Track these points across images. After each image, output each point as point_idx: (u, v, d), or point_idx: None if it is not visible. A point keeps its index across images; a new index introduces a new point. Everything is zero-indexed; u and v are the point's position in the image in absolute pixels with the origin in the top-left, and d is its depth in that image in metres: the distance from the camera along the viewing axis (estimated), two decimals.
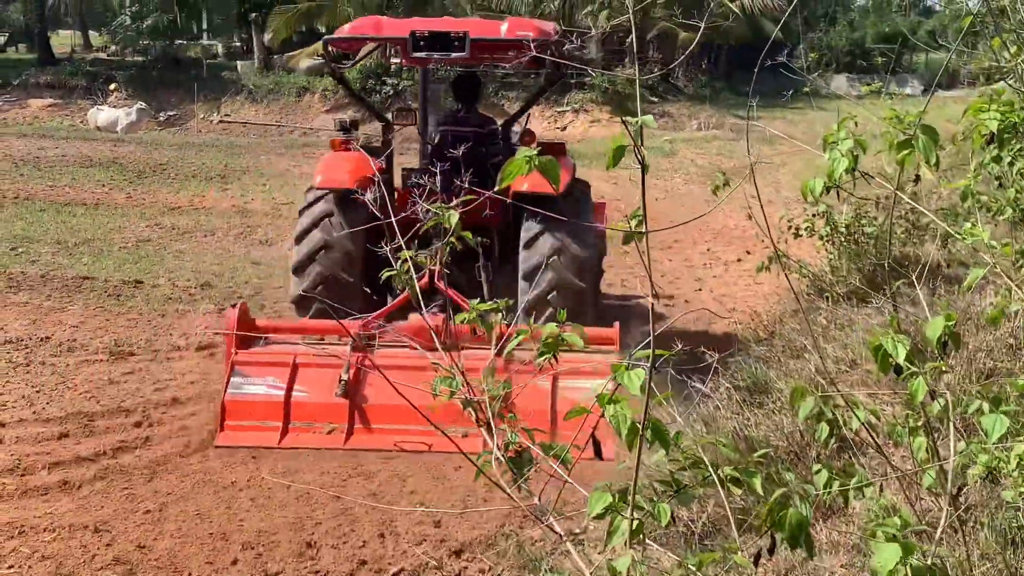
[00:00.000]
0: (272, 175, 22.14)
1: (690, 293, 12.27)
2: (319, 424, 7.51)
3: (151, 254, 14.08)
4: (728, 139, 27.30)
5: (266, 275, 12.93)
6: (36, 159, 23.65)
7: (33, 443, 7.32)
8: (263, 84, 36.02)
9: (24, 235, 14.88)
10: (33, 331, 10.11)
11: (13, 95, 37.63)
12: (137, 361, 9.34)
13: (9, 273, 12.48)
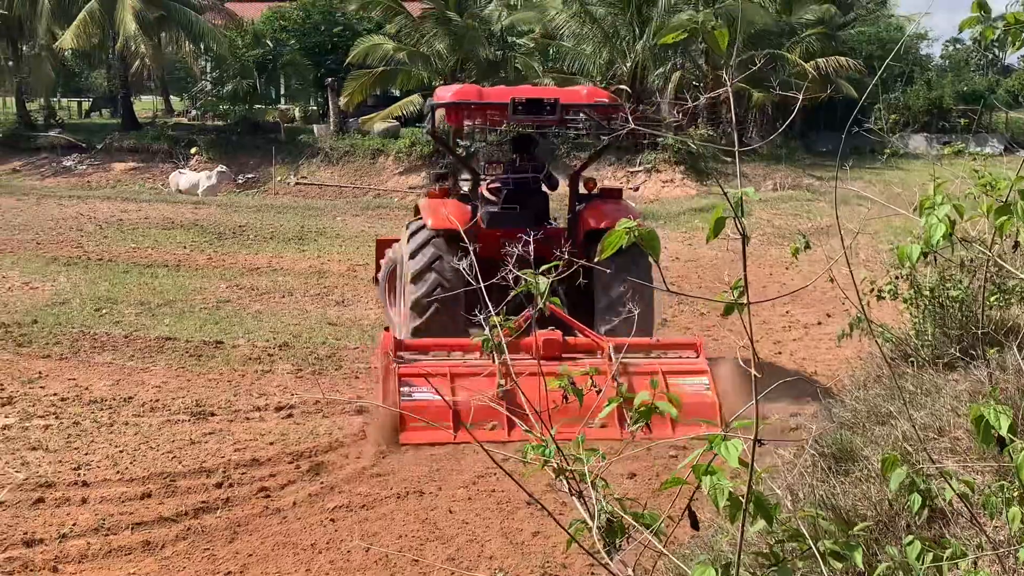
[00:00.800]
0: (348, 236, 22.42)
1: (770, 357, 12.11)
2: (484, 422, 8.71)
3: (231, 314, 14.27)
4: (804, 199, 27.05)
5: (343, 335, 13.05)
6: (120, 221, 24.25)
7: (117, 503, 7.40)
8: (338, 147, 36.64)
9: (108, 296, 15.20)
10: (117, 391, 10.29)
11: (97, 159, 38.77)
12: (218, 421, 9.45)
13: (94, 334, 12.74)
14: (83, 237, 21.54)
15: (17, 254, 19.03)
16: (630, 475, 7.92)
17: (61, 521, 7.08)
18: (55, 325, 13.13)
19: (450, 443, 8.50)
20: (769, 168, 32.59)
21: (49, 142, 40.84)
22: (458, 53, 34.83)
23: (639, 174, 32.68)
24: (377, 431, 8.96)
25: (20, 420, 9.27)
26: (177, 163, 37.03)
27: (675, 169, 32.23)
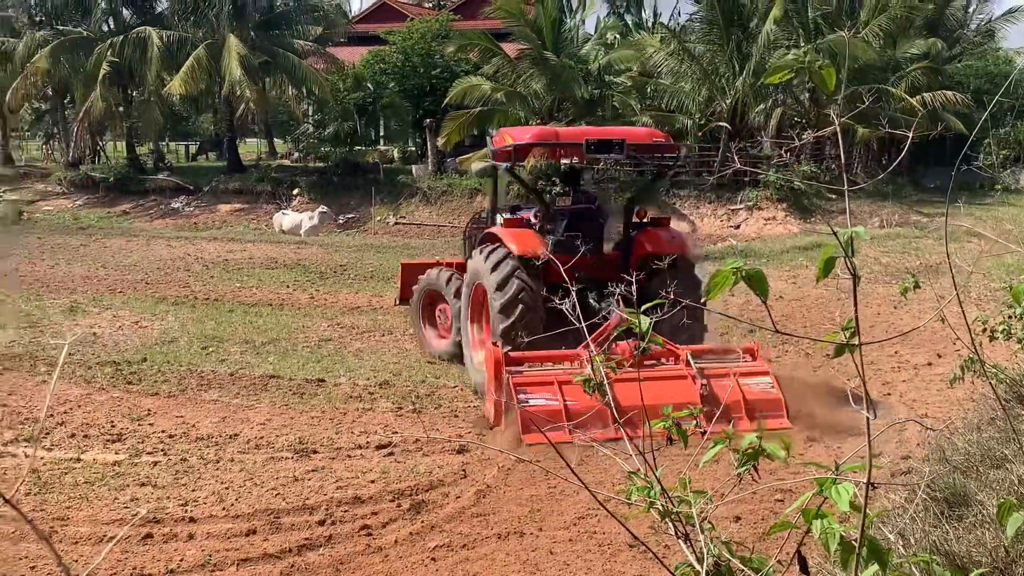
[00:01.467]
0: None
1: (879, 399, 11.80)
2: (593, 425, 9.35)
3: (332, 353, 14.46)
4: (912, 237, 26.43)
5: (442, 373, 13.10)
6: (225, 261, 24.84)
7: (223, 539, 7.52)
8: (436, 186, 37.05)
9: (214, 335, 15.53)
10: (223, 428, 10.47)
11: (204, 200, 39.85)
12: (320, 459, 9.54)
13: (201, 372, 13.01)
14: (190, 277, 22.11)
15: (127, 294, 19.60)
16: (735, 518, 7.77)
17: (169, 557, 7.21)
18: (163, 363, 13.45)
19: (566, 442, 9.26)
20: (875, 205, 31.94)
21: (158, 185, 42.14)
22: (555, 92, 35.02)
23: (740, 212, 32.35)
24: (502, 435, 10.12)
25: (130, 456, 9.49)
26: (280, 204, 37.85)
27: (777, 206, 31.81)
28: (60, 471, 8.98)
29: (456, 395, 12.04)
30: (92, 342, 14.69)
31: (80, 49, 43.14)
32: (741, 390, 10.66)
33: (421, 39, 42.35)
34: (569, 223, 12.57)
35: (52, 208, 41.23)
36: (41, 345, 14.56)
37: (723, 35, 32.86)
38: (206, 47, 40.26)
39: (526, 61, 35.03)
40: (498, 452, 9.54)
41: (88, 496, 8.37)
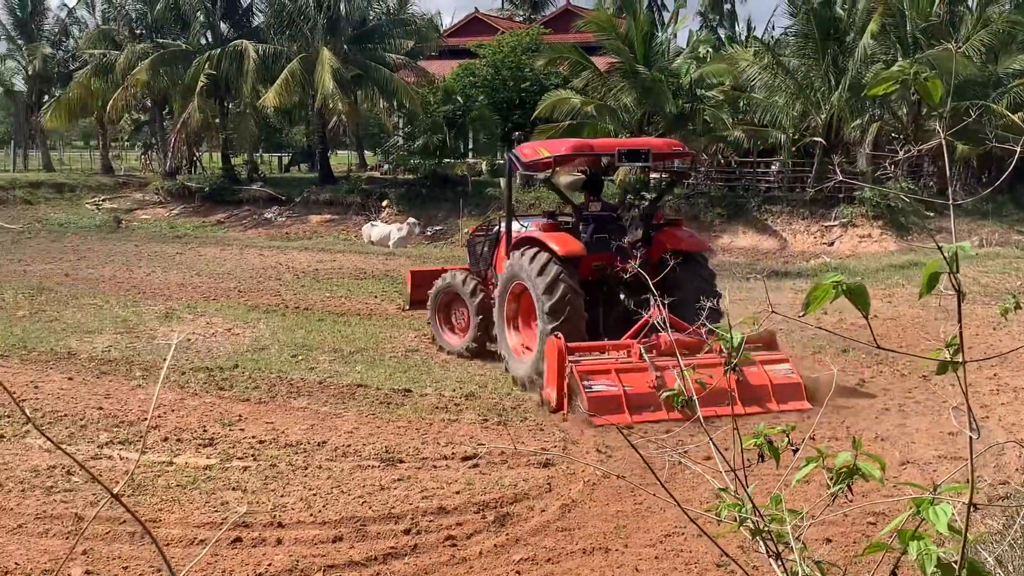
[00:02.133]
0: None
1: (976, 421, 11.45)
2: (640, 405, 11.19)
3: (419, 364, 14.55)
4: (1013, 257, 25.69)
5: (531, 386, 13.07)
6: (315, 271, 25.19)
7: (310, 545, 7.58)
8: (524, 199, 37.13)
9: (304, 343, 15.74)
10: (311, 435, 10.59)
11: (295, 211, 40.52)
12: (406, 468, 9.58)
13: (290, 379, 13.19)
14: (281, 286, 22.47)
15: (221, 301, 19.99)
16: (826, 540, 7.60)
17: (257, 561, 7.29)
18: (254, 370, 13.67)
19: (626, 424, 10.89)
20: (975, 223, 31.14)
21: (251, 195, 42.97)
22: (645, 106, 34.89)
23: (834, 229, 31.80)
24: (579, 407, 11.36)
25: (221, 461, 9.65)
26: (369, 215, 38.29)
27: (873, 224, 31.20)
28: (153, 474, 9.16)
29: (543, 408, 12.00)
30: (186, 348, 15.00)
31: (179, 62, 44.22)
32: (768, 376, 11.89)
33: (511, 52, 42.56)
34: (596, 227, 13.92)
35: (149, 217, 42.31)
36: (137, 350, 14.92)
37: (818, 49, 32.39)
38: (300, 60, 40.96)
39: (616, 74, 34.97)
40: (584, 466, 9.49)
41: (180, 499, 8.52)
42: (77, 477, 8.99)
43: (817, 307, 2.82)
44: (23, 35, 53.71)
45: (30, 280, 22.55)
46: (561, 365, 11.72)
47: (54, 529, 7.81)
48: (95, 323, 17.13)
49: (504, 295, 13.94)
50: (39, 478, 8.94)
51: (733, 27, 50.32)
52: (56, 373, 13.30)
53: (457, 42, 52.27)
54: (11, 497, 8.46)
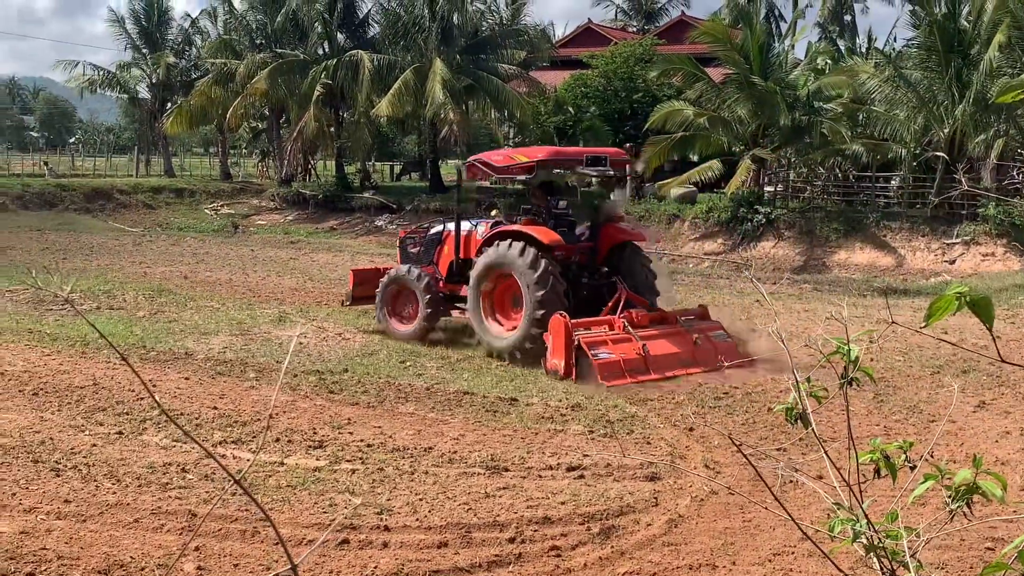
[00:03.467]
0: None
1: None
2: (635, 369, 13.94)
3: (525, 373, 14.51)
4: None
5: (637, 400, 12.96)
6: None
7: (415, 549, 7.60)
8: (634, 211, 36.93)
9: (412, 349, 15.87)
10: (418, 441, 10.64)
11: (406, 219, 41.03)
12: (511, 477, 9.55)
13: (398, 384, 13.30)
14: None
15: (332, 306, 20.29)
16: (940, 566, 7.33)
17: (364, 563, 7.34)
18: (364, 374, 13.81)
19: (638, 382, 13.68)
20: None
21: (363, 203, 43.68)
22: (760, 118, 34.40)
23: (956, 246, 30.85)
24: (588, 374, 13.66)
25: (330, 463, 9.75)
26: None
27: (996, 242, 30.16)
28: (265, 474, 9.31)
29: (649, 422, 11.88)
30: (298, 351, 15.25)
31: (296, 71, 45.22)
32: (713, 342, 14.88)
33: (624, 63, 42.46)
34: (556, 223, 16.08)
35: (265, 222, 43.31)
36: (251, 352, 15.22)
37: (942, 62, 31.47)
38: (413, 71, 41.50)
39: (731, 86, 34.56)
40: (691, 481, 9.35)
41: (290, 499, 8.63)
42: (191, 474, 9.19)
43: (938, 319, 2.70)
44: (148, 44, 55.57)
45: (150, 282, 23.25)
46: (568, 338, 13.91)
47: (168, 525, 7.98)
48: (211, 324, 17.54)
49: (480, 281, 15.75)
50: (155, 474, 9.16)
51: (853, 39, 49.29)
52: (173, 372, 13.65)
53: (569, 53, 52.34)
54: (128, 492, 8.68)
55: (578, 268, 16.02)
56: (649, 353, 14.10)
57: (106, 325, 16.48)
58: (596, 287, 15.87)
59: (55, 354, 14.51)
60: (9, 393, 12.17)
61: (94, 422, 10.99)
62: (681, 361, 14.46)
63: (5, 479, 8.89)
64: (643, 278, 15.85)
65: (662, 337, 14.65)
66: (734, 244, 33.94)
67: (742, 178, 33.60)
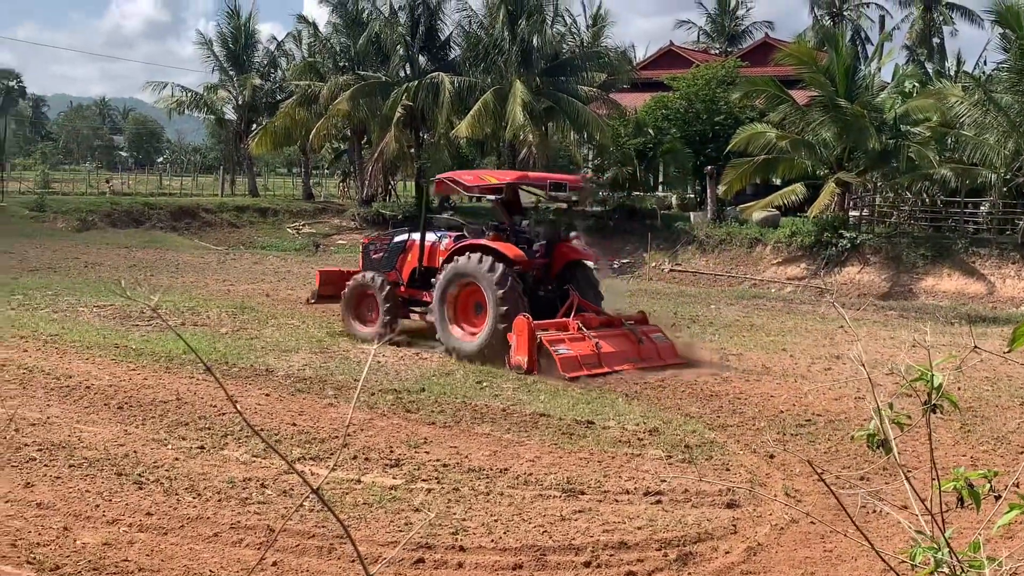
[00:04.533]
0: (721, 325, 22.20)
1: None
2: (590, 364, 15.74)
3: (601, 396, 14.42)
4: None
5: (715, 425, 12.79)
6: None
7: (490, 570, 7.57)
8: (715, 235, 36.62)
9: (488, 370, 15.85)
10: (494, 462, 10.61)
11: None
12: (588, 500, 9.47)
13: (475, 405, 13.28)
14: None
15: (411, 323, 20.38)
16: None
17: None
18: (440, 394, 13.84)
19: None
20: None
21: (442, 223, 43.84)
22: (845, 142, 33.87)
23: None
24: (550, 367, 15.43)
25: (406, 482, 9.77)
26: None
27: None
28: (342, 491, 9.35)
29: (728, 448, 11.70)
30: (376, 370, 15.34)
31: (378, 93, 45.71)
32: (654, 342, 16.96)
33: (706, 85, 42.19)
34: (521, 238, 17.68)
35: (345, 242, 43.77)
36: (330, 369, 15.35)
37: None
38: (493, 92, 41.70)
39: (816, 109, 34.08)
40: (771, 508, 9.17)
41: (366, 517, 8.66)
42: (270, 489, 9.27)
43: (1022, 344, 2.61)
44: (235, 67, 56.67)
45: (233, 299, 23.62)
46: (531, 337, 15.67)
47: (247, 539, 8.05)
48: (292, 342, 17.75)
49: (446, 288, 17.13)
50: (235, 489, 9.26)
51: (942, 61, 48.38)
52: (254, 389, 13.81)
53: (650, 75, 52.18)
54: (208, 506, 8.78)
55: (534, 281, 17.61)
56: (602, 350, 16.02)
57: (190, 341, 16.76)
58: (549, 298, 17.52)
59: (140, 369, 14.81)
60: (95, 407, 12.43)
61: (177, 436, 11.16)
62: (628, 358, 16.36)
63: (90, 491, 9.06)
64: (591, 292, 17.73)
65: (611, 337, 16.57)
66: (817, 269, 33.44)
67: (826, 202, 33.11)
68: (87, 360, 15.41)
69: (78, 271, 24.88)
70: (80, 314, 20.29)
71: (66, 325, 18.59)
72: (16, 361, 14.98)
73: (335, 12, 51.07)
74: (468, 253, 16.94)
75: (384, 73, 47.64)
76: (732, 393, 14.81)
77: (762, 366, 17.16)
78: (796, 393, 14.86)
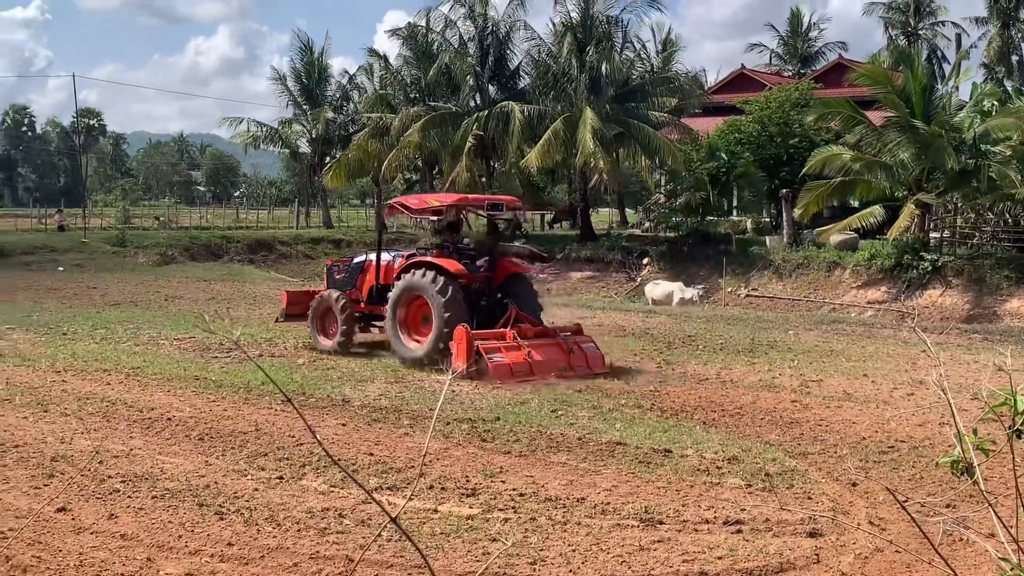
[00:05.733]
0: (800, 350, 21.85)
1: None
2: (522, 371, 17.14)
3: (678, 424, 14.26)
4: None
5: (796, 452, 12.56)
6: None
7: None
8: (791, 259, 36.17)
9: (564, 399, 15.78)
10: (570, 491, 10.52)
11: (556, 267, 41.14)
12: (666, 530, 9.33)
13: (550, 434, 13.21)
14: None
15: None
16: None
17: None
18: (515, 423, 13.79)
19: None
20: None
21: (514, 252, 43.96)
22: (923, 162, 33.27)
23: None
24: (484, 373, 16.88)
25: (483, 511, 9.73)
26: (630, 273, 38.32)
27: None
28: (419, 520, 9.34)
29: (810, 476, 11.47)
30: (451, 399, 15.36)
31: (449, 123, 46.15)
32: (584, 352, 18.27)
33: (779, 108, 41.82)
34: (464, 254, 19.36)
35: None
36: (405, 399, 15.41)
37: None
38: (563, 120, 41.81)
39: (892, 129, 33.56)
40: (855, 538, 8.96)
41: (443, 546, 8.63)
42: (348, 519, 9.30)
43: None
44: (308, 101, 57.65)
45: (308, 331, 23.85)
46: (469, 345, 17.05)
47: (327, 569, 8.06)
48: (367, 372, 17.88)
49: (397, 302, 18.76)
50: (313, 519, 9.30)
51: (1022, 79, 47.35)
52: (331, 419, 13.91)
53: (722, 98, 51.92)
54: (288, 536, 8.83)
55: (477, 293, 19.07)
56: (534, 358, 17.38)
57: (269, 372, 16.93)
58: (491, 308, 19.02)
59: (219, 400, 15.01)
60: (176, 438, 12.62)
61: (256, 467, 11.26)
62: (559, 366, 17.62)
63: (172, 522, 9.17)
64: (530, 302, 19.18)
65: (544, 347, 17.88)
66: (898, 292, 32.82)
67: (905, 224, 32.52)
68: (168, 392, 15.68)
69: (158, 304, 25.39)
70: (161, 347, 20.70)
71: (147, 358, 18.96)
72: (100, 394, 15.29)
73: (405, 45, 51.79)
74: (415, 270, 18.66)
75: (454, 103, 48.06)
76: (813, 420, 14.55)
77: (843, 392, 16.84)
78: (878, 419, 14.55)
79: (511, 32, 48.58)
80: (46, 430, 12.91)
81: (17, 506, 9.66)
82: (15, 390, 15.58)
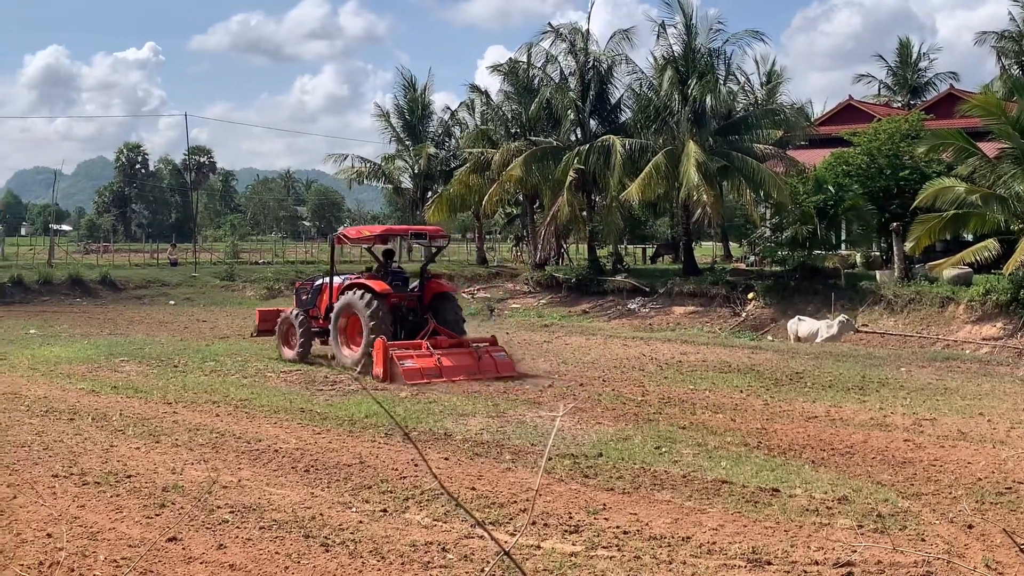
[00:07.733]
0: (913, 388, 21.21)
1: None
2: (430, 374, 20.34)
3: (788, 462, 13.93)
4: None
5: (909, 493, 12.15)
6: (678, 363, 25.06)
7: None
8: (903, 294, 35.27)
9: (668, 435, 15.56)
10: (675, 529, 10.33)
11: (659, 302, 40.84)
12: (774, 571, 9.09)
13: (654, 471, 13.02)
14: (644, 376, 22.50)
15: (588, 388, 20.30)
16: None
17: None
18: (618, 459, 13.64)
19: None
20: None
21: (615, 286, 43.85)
22: None
23: None
24: (398, 377, 20.03)
25: (586, 549, 9.60)
26: (734, 308, 37.80)
27: None
28: (522, 556, 9.26)
29: (924, 517, 11.08)
30: (551, 434, 15.26)
31: (550, 158, 46.36)
32: (493, 358, 21.47)
33: (888, 139, 40.96)
34: (393, 278, 22.72)
35: (519, 305, 44.16)
36: (507, 434, 15.37)
37: None
38: (665, 154, 41.63)
39: (1007, 161, 32.58)
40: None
41: None
42: (451, 553, 9.27)
43: None
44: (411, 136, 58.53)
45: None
46: (386, 354, 20.18)
47: None
48: (469, 406, 17.88)
49: (338, 318, 22.27)
50: (417, 552, 9.30)
51: None
52: (434, 452, 13.94)
53: (829, 130, 51.11)
54: (392, 570, 8.84)
55: (407, 310, 22.53)
56: (443, 364, 20.60)
57: (371, 406, 17.09)
58: (419, 323, 22.32)
59: (325, 432, 15.19)
60: (283, 470, 12.78)
61: (360, 499, 11.33)
62: (467, 371, 20.72)
63: (279, 553, 9.26)
64: (453, 317, 22.77)
65: (455, 355, 21.12)
66: (1014, 329, 31.70)
67: (1022, 258, 31.45)
68: (275, 424, 15.92)
69: (265, 338, 25.90)
70: (268, 379, 21.08)
71: (255, 390, 19.31)
72: (209, 426, 15.61)
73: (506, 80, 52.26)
74: (350, 290, 22.06)
75: (555, 138, 48.24)
76: (926, 460, 14.08)
77: (958, 431, 16.28)
78: (995, 459, 14.01)
79: (613, 67, 48.64)
80: (158, 460, 13.21)
81: (130, 535, 9.87)
82: (128, 421, 16.01)
